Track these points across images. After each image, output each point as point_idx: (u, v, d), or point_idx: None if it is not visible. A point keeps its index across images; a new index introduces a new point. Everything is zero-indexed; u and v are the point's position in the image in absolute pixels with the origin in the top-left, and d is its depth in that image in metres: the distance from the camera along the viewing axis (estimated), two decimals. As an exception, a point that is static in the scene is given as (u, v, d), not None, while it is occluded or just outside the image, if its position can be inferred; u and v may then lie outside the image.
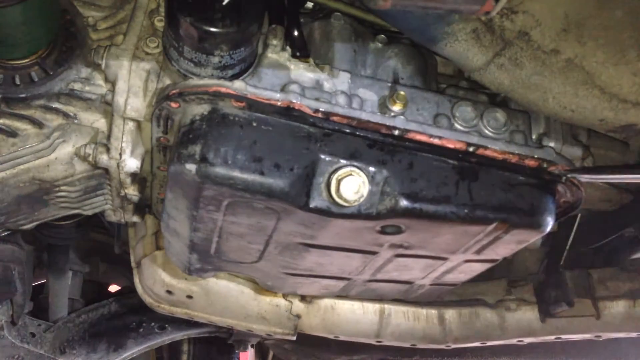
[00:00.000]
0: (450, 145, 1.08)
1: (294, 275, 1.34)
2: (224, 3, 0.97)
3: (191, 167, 0.95)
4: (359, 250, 1.15)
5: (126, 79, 1.11)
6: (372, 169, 1.00)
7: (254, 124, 0.99)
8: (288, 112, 1.01)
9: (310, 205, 0.98)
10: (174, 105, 1.01)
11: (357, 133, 1.03)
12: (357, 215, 1.00)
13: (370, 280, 1.38)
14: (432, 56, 1.23)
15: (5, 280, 1.66)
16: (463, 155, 1.06)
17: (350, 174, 0.97)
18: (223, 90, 0.99)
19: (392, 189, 1.01)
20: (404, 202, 1.01)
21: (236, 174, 0.95)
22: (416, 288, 1.46)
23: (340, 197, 0.97)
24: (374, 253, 1.19)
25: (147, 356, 2.34)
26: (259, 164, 0.96)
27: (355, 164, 0.99)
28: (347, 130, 1.03)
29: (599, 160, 1.24)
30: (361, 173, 0.98)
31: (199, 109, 0.99)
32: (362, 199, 0.98)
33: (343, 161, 0.99)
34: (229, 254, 1.23)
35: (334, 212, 0.99)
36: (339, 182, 0.97)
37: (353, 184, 0.97)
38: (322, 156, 0.99)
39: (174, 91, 1.00)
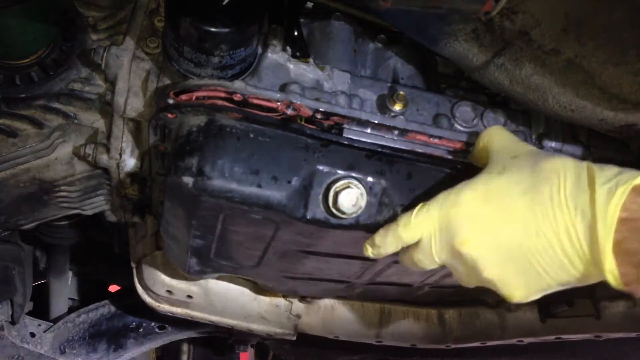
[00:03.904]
0: (450, 146, 1.08)
1: (294, 279, 1.34)
2: (224, 3, 0.97)
3: (188, 180, 0.94)
4: (358, 257, 1.15)
5: (126, 79, 1.10)
6: (370, 179, 1.00)
7: (251, 135, 0.98)
8: (285, 123, 1.01)
9: (308, 217, 0.98)
10: (170, 116, 1.01)
11: (355, 144, 1.03)
12: (355, 226, 1.00)
13: (369, 284, 1.38)
14: (432, 56, 1.23)
15: (5, 280, 1.66)
16: (462, 165, 1.05)
17: (348, 186, 0.97)
18: (219, 102, 0.99)
19: (390, 200, 1.00)
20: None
21: (233, 186, 0.95)
22: (416, 290, 1.46)
23: (338, 209, 0.97)
24: (372, 260, 1.19)
25: (147, 356, 2.34)
26: (257, 177, 0.95)
27: (353, 175, 0.99)
28: (345, 142, 1.02)
29: (599, 160, 1.23)
30: (359, 185, 0.98)
31: (196, 120, 0.99)
32: (360, 211, 0.98)
33: (341, 172, 0.99)
34: (229, 258, 1.23)
35: (332, 223, 0.99)
36: (336, 194, 0.97)
37: (351, 196, 0.97)
38: (320, 167, 0.98)
39: (171, 98, 1.00)
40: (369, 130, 1.06)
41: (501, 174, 0.88)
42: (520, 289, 0.86)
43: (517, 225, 0.83)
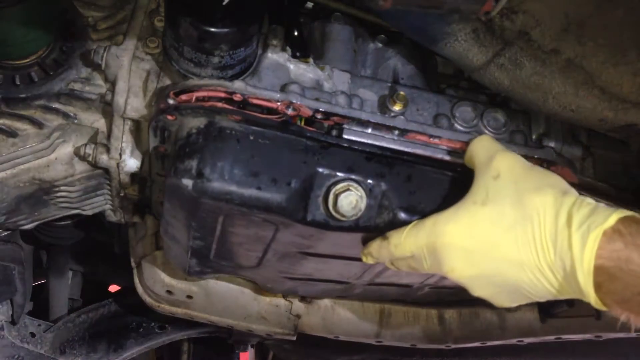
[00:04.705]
0: (450, 146, 1.08)
1: (294, 280, 1.34)
2: (224, 3, 0.97)
3: (188, 182, 0.94)
4: (358, 259, 1.16)
5: (126, 79, 1.10)
6: (370, 182, 1.00)
7: (251, 138, 0.98)
8: (285, 125, 1.01)
9: (308, 219, 0.98)
10: (170, 117, 1.01)
11: (355, 146, 1.03)
12: (355, 228, 1.00)
13: (369, 284, 1.38)
14: (432, 56, 1.23)
15: (5, 280, 1.66)
16: (461, 168, 1.06)
17: (348, 189, 0.97)
18: (219, 104, 0.98)
19: (390, 203, 1.00)
20: (402, 216, 1.00)
21: (233, 189, 0.95)
22: (416, 290, 1.46)
23: (337, 211, 0.96)
24: None
25: (147, 356, 2.34)
26: (256, 179, 0.95)
27: (353, 177, 0.99)
28: (345, 144, 1.02)
29: (599, 160, 1.24)
30: (359, 187, 0.98)
31: (196, 122, 0.99)
32: (359, 213, 0.98)
33: (340, 174, 0.99)
34: (229, 259, 1.23)
35: (332, 225, 0.99)
36: (336, 196, 0.97)
37: (351, 199, 0.97)
38: (320, 169, 0.98)
39: (171, 98, 1.00)
40: (369, 131, 1.06)
41: (485, 205, 0.90)
42: (508, 302, 0.93)
43: (503, 260, 0.87)
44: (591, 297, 0.80)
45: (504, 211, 0.88)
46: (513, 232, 0.86)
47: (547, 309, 1.60)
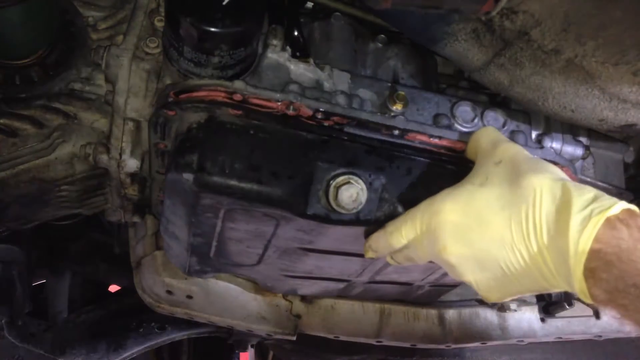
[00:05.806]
0: (450, 145, 1.08)
1: (294, 278, 1.34)
2: (224, 3, 0.97)
3: (188, 176, 0.95)
4: (358, 255, 1.16)
5: (126, 79, 1.10)
6: (370, 175, 1.00)
7: (251, 132, 0.98)
8: (285, 119, 1.01)
9: (308, 213, 0.98)
10: (170, 113, 1.01)
11: (355, 139, 1.03)
12: (356, 222, 1.00)
13: (369, 282, 1.38)
14: (432, 56, 1.23)
15: (5, 280, 1.66)
16: (461, 161, 1.06)
17: (349, 182, 0.97)
18: (219, 98, 0.99)
19: (390, 196, 1.01)
20: (402, 209, 1.01)
21: (234, 182, 0.95)
22: (416, 289, 1.46)
23: (338, 204, 0.97)
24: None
25: (147, 356, 2.34)
26: (257, 173, 0.96)
27: (353, 170, 0.99)
28: (345, 137, 1.02)
29: (599, 160, 1.24)
30: (359, 180, 0.98)
31: (196, 117, 0.99)
32: (360, 206, 0.98)
33: (341, 168, 0.99)
34: (229, 257, 1.23)
35: (332, 219, 0.99)
36: (337, 189, 0.97)
37: (351, 192, 0.97)
38: (320, 163, 0.98)
39: (171, 98, 1.00)
40: (368, 130, 1.06)
41: (483, 186, 0.90)
42: (495, 292, 0.91)
43: (494, 238, 0.86)
44: (577, 282, 0.77)
45: (500, 192, 0.87)
46: (507, 211, 0.85)
47: (547, 309, 1.60)
